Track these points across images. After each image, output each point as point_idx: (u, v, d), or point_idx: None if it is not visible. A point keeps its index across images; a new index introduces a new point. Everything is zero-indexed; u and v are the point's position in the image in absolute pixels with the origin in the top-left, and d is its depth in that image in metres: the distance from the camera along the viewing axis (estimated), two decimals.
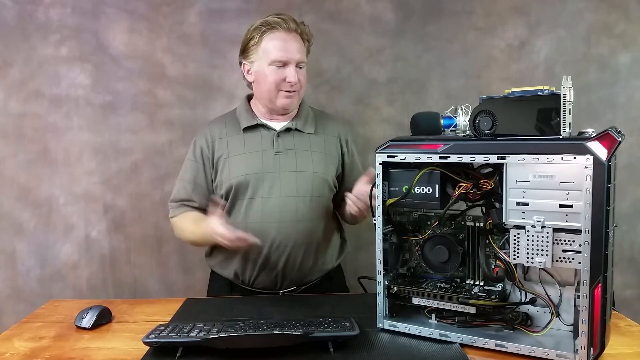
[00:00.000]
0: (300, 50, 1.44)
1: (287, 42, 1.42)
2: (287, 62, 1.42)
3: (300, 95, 1.49)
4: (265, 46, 1.42)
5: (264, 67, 1.43)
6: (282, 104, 1.46)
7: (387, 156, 1.06)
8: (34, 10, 1.84)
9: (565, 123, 0.92)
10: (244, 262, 1.46)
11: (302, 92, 1.49)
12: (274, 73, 1.42)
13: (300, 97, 1.50)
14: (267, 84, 1.44)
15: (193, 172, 1.52)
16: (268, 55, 1.42)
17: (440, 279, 1.13)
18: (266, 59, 1.42)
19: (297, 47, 1.43)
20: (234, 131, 1.51)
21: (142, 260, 1.94)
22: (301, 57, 1.44)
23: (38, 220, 1.92)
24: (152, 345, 1.03)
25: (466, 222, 1.09)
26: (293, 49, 1.42)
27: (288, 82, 1.42)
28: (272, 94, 1.45)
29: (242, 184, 1.44)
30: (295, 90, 1.45)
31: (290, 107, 1.48)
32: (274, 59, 1.41)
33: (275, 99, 1.45)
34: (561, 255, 0.94)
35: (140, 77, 1.88)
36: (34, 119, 1.88)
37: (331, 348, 1.00)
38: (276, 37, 1.42)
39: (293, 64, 1.42)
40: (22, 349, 1.08)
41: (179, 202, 1.53)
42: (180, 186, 1.53)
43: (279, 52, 1.41)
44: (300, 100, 1.51)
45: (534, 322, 1.04)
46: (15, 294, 1.93)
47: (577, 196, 0.90)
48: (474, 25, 1.85)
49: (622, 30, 1.82)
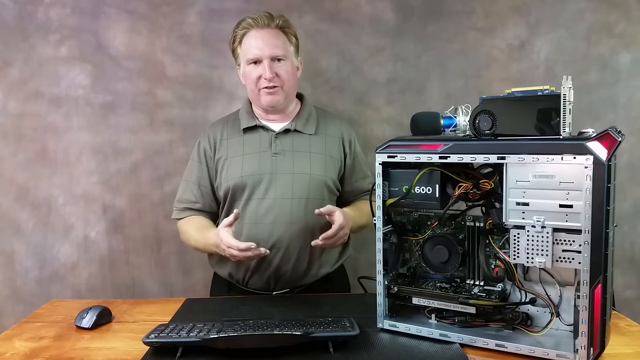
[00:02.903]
0: (274, 44, 1.43)
1: (259, 39, 1.43)
2: (259, 58, 1.43)
3: (285, 90, 1.46)
4: (243, 47, 1.46)
5: (246, 67, 1.46)
6: (266, 102, 1.46)
7: (387, 156, 1.06)
8: (34, 10, 1.84)
9: (565, 123, 0.92)
10: (238, 262, 1.46)
11: (287, 87, 1.46)
12: (252, 71, 1.44)
13: (286, 93, 1.47)
14: (249, 84, 1.47)
15: (197, 174, 1.52)
16: (245, 55, 1.45)
17: (440, 279, 1.13)
18: (245, 59, 1.45)
19: (271, 42, 1.43)
20: (234, 132, 1.51)
21: (142, 260, 1.94)
22: (275, 51, 1.43)
23: (37, 220, 1.91)
24: (152, 345, 1.03)
25: (466, 222, 1.09)
26: (265, 44, 1.42)
27: (263, 78, 1.42)
28: (255, 93, 1.47)
29: (239, 186, 1.44)
30: (277, 85, 1.44)
31: (275, 104, 1.46)
32: (248, 57, 1.44)
33: (258, 97, 1.46)
34: (561, 255, 0.94)
35: (140, 77, 1.87)
36: (34, 118, 1.88)
37: (331, 348, 1.00)
38: (250, 36, 1.44)
39: (267, 60, 1.42)
40: (22, 349, 1.08)
41: (184, 204, 1.53)
42: (186, 188, 1.54)
43: (251, 49, 1.43)
44: (288, 96, 1.49)
45: (534, 322, 1.04)
46: (14, 295, 1.93)
47: (577, 196, 0.90)
48: (474, 25, 1.85)
49: (622, 30, 1.82)
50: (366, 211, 1.52)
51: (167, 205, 1.86)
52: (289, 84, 1.47)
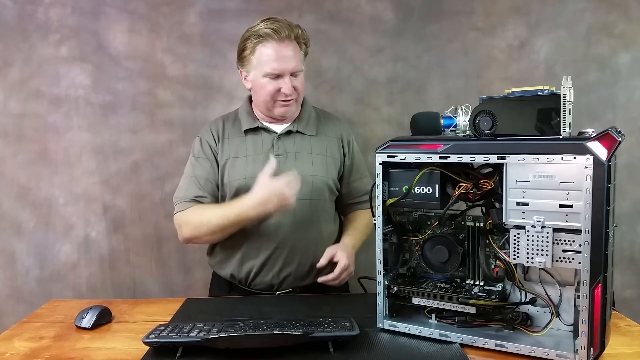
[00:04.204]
0: (294, 58, 1.40)
1: (280, 53, 1.38)
2: (280, 74, 1.39)
3: (298, 102, 1.47)
4: (258, 57, 1.40)
5: (259, 77, 1.41)
6: (280, 113, 1.45)
7: (387, 156, 1.06)
8: (34, 10, 1.84)
9: (565, 123, 0.92)
10: (241, 263, 1.46)
11: (300, 98, 1.48)
12: (268, 84, 1.40)
13: (299, 103, 1.48)
14: (263, 95, 1.42)
15: (203, 169, 1.46)
16: (262, 67, 1.39)
17: (440, 279, 1.13)
18: (260, 70, 1.40)
19: (291, 55, 1.39)
20: (235, 133, 1.50)
21: (142, 260, 1.94)
22: (295, 65, 1.40)
23: (37, 220, 1.91)
24: (152, 345, 1.02)
25: (466, 222, 1.09)
26: (286, 59, 1.38)
27: (283, 92, 1.41)
28: (269, 104, 1.44)
29: (242, 188, 1.43)
30: (292, 98, 1.43)
31: (288, 114, 1.47)
32: (267, 71, 1.39)
33: (272, 108, 1.45)
34: (561, 255, 0.94)
35: (140, 77, 1.88)
36: (34, 119, 1.88)
37: (331, 348, 1.00)
38: (268, 48, 1.38)
39: (287, 75, 1.39)
40: (22, 349, 1.08)
41: (189, 198, 1.44)
42: (190, 182, 1.46)
43: (272, 64, 1.38)
44: (299, 106, 1.50)
45: (534, 322, 1.04)
46: (15, 294, 1.93)
47: (577, 196, 0.90)
48: (474, 25, 1.85)
49: (622, 30, 1.82)
50: (367, 221, 1.53)
51: (168, 205, 1.86)
52: (302, 94, 1.48)
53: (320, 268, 1.38)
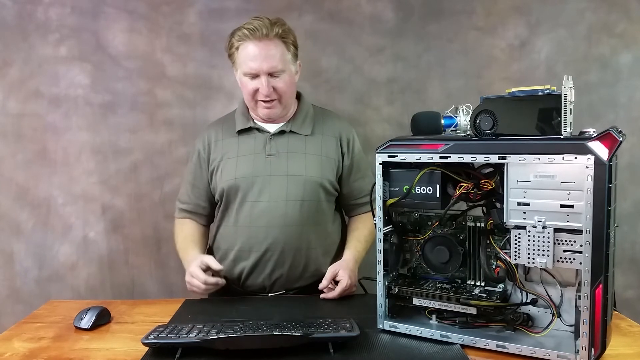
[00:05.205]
0: (273, 58, 1.37)
1: (257, 53, 1.37)
2: (256, 73, 1.39)
3: (283, 103, 1.44)
4: (239, 57, 1.41)
5: (241, 76, 1.43)
6: (263, 114, 1.45)
7: (388, 156, 1.06)
8: (34, 10, 1.84)
9: (566, 123, 0.92)
10: (234, 264, 1.46)
11: (285, 99, 1.44)
12: (248, 84, 1.41)
13: (284, 105, 1.45)
14: (245, 94, 1.45)
15: (193, 175, 1.54)
16: (241, 66, 1.41)
17: (441, 280, 1.13)
18: (241, 69, 1.42)
19: (269, 55, 1.37)
20: (229, 134, 1.50)
21: (141, 261, 1.94)
22: (273, 65, 1.37)
23: (36, 220, 1.91)
24: (151, 346, 1.02)
25: (467, 223, 1.09)
26: (263, 58, 1.37)
27: (261, 93, 1.40)
28: (252, 104, 1.45)
29: (232, 188, 1.43)
30: (273, 99, 1.41)
31: (272, 116, 1.45)
32: (245, 70, 1.40)
33: (255, 108, 1.45)
34: (562, 255, 0.93)
35: (140, 77, 1.87)
36: (33, 118, 1.87)
37: (331, 349, 1.00)
38: (246, 48, 1.38)
39: (264, 75, 1.38)
40: (21, 349, 1.08)
41: (179, 204, 1.57)
42: (183, 188, 1.57)
43: (249, 63, 1.38)
44: (285, 107, 1.46)
45: (535, 322, 1.04)
46: (14, 295, 1.93)
47: (578, 196, 0.90)
48: (475, 25, 1.84)
49: (622, 29, 1.82)
50: (369, 229, 1.51)
51: (167, 205, 1.86)
52: (287, 95, 1.44)
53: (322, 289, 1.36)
